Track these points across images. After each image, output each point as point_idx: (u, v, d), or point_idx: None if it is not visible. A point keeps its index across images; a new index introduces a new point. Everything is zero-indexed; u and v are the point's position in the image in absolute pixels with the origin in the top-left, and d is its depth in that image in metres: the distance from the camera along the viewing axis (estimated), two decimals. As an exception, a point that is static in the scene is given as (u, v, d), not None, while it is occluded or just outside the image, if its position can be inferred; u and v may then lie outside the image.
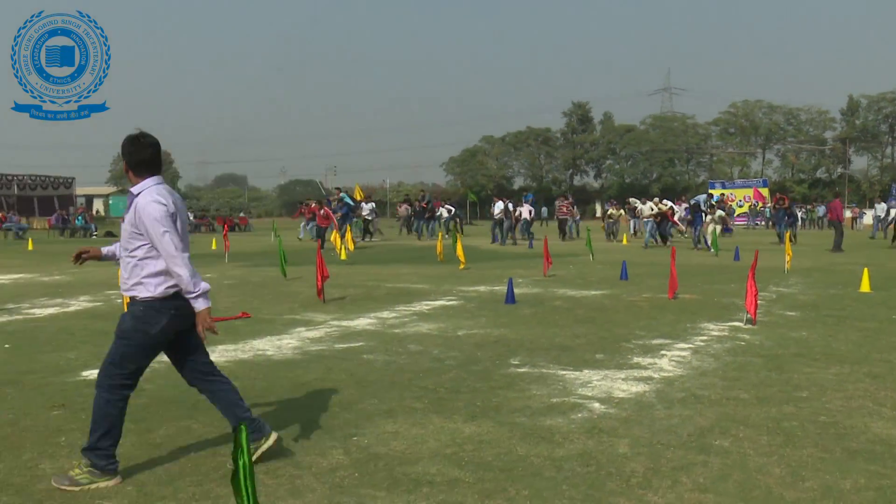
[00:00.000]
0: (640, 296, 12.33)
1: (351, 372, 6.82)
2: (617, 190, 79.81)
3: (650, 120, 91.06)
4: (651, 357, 7.49)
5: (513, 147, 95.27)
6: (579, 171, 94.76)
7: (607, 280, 14.87)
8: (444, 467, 4.38)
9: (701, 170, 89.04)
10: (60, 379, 6.63)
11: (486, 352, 7.75)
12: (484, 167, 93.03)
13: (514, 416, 5.40)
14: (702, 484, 4.13)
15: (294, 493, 4.00)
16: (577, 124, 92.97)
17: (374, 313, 10.42)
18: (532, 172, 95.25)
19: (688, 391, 6.14)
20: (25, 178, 50.92)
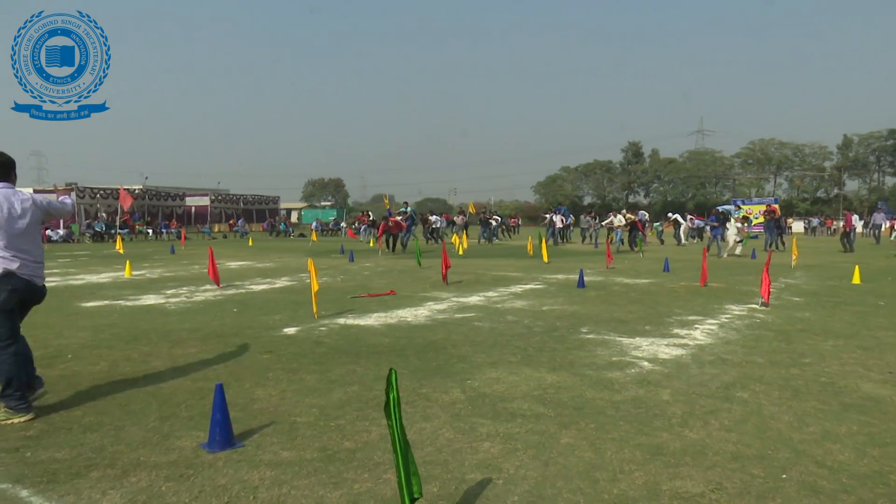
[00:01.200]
0: (678, 284, 11.81)
1: (465, 334, 6.82)
2: (661, 206, 76.96)
3: (687, 154, 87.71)
4: (687, 329, 7.16)
5: (583, 174, 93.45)
6: (633, 192, 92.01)
7: (653, 272, 14.32)
8: (533, 405, 4.31)
9: (726, 191, 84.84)
10: (269, 333, 6.86)
11: (563, 322, 7.60)
12: (562, 189, 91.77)
13: (584, 370, 5.27)
14: (727, 425, 3.92)
15: (426, 418, 4.03)
16: (631, 157, 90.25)
17: (482, 293, 10.40)
18: (597, 193, 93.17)
19: (716, 355, 5.84)
20: (248, 196, 53.53)
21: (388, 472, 3.17)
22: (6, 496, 2.91)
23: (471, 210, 33.89)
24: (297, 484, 3.06)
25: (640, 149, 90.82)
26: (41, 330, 6.98)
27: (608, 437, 3.70)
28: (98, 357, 5.67)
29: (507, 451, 3.48)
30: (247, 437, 3.66)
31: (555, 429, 3.84)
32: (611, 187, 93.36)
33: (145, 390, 4.62)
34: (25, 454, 3.40)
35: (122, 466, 3.25)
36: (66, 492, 2.96)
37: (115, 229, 32.53)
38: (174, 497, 2.92)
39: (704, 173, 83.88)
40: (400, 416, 2.44)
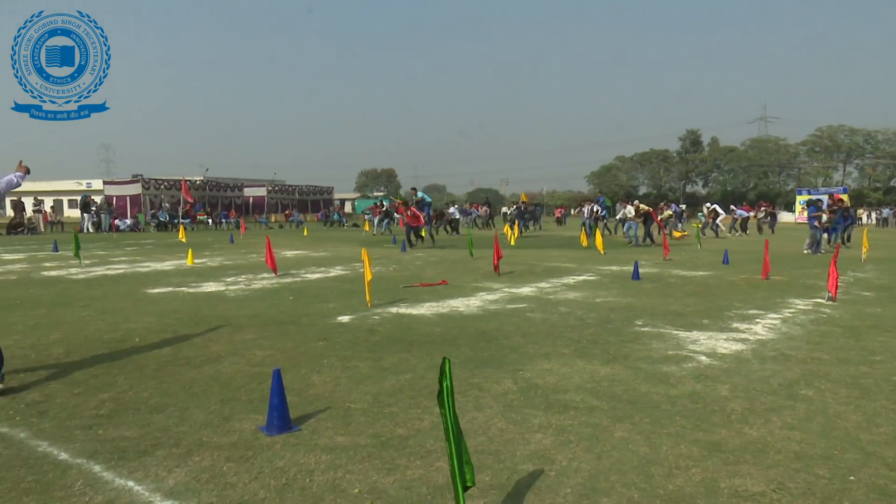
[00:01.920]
0: (738, 276, 11.44)
1: (517, 325, 6.79)
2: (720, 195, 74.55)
3: (749, 142, 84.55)
4: (747, 323, 6.93)
5: (639, 164, 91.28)
6: (690, 182, 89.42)
7: (712, 264, 13.91)
8: (586, 397, 4.27)
9: (790, 180, 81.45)
10: (323, 321, 6.99)
11: (617, 314, 7.47)
12: (616, 179, 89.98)
13: (638, 363, 5.18)
14: (790, 423, 3.78)
15: (478, 407, 4.04)
16: (689, 146, 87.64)
17: (534, 284, 10.33)
18: (653, 182, 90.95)
19: (778, 351, 5.64)
20: (304, 186, 54.56)
21: (440, 459, 3.20)
22: (81, 470, 3.08)
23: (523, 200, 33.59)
24: (351, 468, 3.13)
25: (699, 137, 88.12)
26: (111, 314, 7.33)
27: (663, 431, 3.63)
28: (163, 341, 5.91)
29: (560, 443, 3.46)
30: (303, 422, 3.75)
31: (608, 422, 3.79)
32: (667, 177, 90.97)
33: (207, 374, 4.79)
34: (98, 432, 3.59)
35: (187, 446, 3.39)
36: (135, 468, 3.11)
37: (177, 219, 33.76)
38: (234, 477, 3.02)
39: (767, 162, 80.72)
40: (453, 405, 2.46)
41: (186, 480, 2.98)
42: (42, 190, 57.62)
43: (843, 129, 77.91)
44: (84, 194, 38.46)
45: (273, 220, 44.22)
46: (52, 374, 4.78)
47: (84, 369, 4.91)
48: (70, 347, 5.65)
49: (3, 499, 2.79)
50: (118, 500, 2.79)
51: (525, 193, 34.98)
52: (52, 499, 2.79)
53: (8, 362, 5.10)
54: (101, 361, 5.16)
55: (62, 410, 3.94)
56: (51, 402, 4.10)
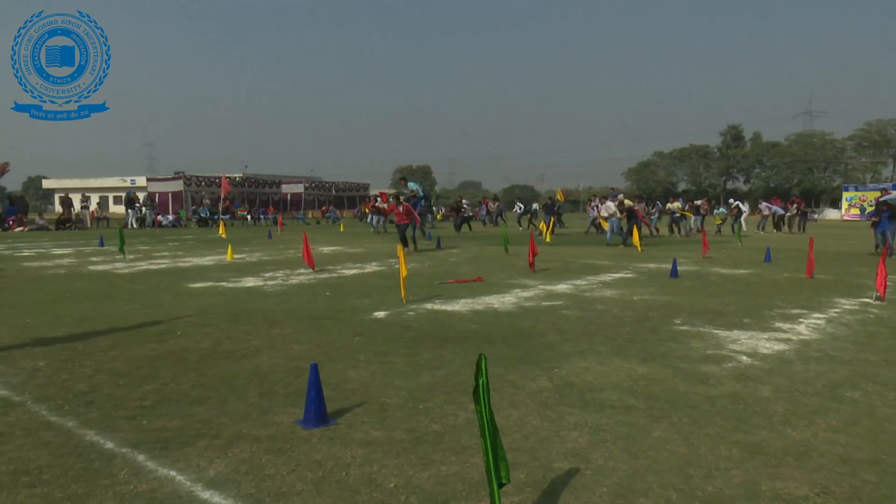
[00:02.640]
0: (781, 275, 11.15)
1: (553, 322, 6.75)
2: (762, 192, 72.68)
3: (793, 137, 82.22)
4: (790, 323, 6.75)
5: (678, 159, 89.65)
6: (731, 178, 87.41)
7: (753, 262, 13.58)
8: (623, 396, 4.22)
9: (836, 176, 78.95)
10: (360, 317, 7.05)
11: (655, 312, 7.36)
12: (654, 175, 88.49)
13: (677, 362, 5.09)
14: (835, 426, 3.67)
15: (513, 405, 4.03)
16: (730, 141, 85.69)
17: (569, 281, 10.24)
18: (692, 179, 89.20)
19: (822, 352, 5.47)
20: (340, 183, 55.15)
21: (475, 456, 3.20)
22: (126, 459, 3.18)
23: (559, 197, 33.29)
24: (387, 463, 3.15)
25: (741, 132, 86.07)
26: (154, 308, 7.53)
27: (703, 432, 3.57)
28: (204, 334, 6.05)
29: (596, 442, 3.42)
30: (339, 416, 3.79)
31: (645, 421, 3.74)
32: (707, 173, 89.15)
33: (246, 367, 4.88)
34: (142, 422, 3.69)
35: (226, 438, 3.46)
36: (177, 458, 3.19)
37: (217, 215, 34.46)
38: (273, 469, 3.08)
39: (812, 157, 78.34)
40: (489, 401, 2.45)
41: (226, 471, 3.05)
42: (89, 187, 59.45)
43: (894, 122, 75.12)
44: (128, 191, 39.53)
45: (310, 216, 44.79)
46: (98, 365, 4.93)
47: (128, 361, 5.05)
48: (115, 339, 5.82)
49: (54, 485, 2.89)
50: (161, 489, 2.87)
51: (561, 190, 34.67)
52: (99, 486, 2.88)
53: (56, 353, 5.29)
54: (144, 354, 5.30)
55: (108, 401, 4.07)
56: (97, 393, 4.23)
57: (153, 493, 2.83)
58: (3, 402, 4.02)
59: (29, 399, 4.09)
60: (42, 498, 2.77)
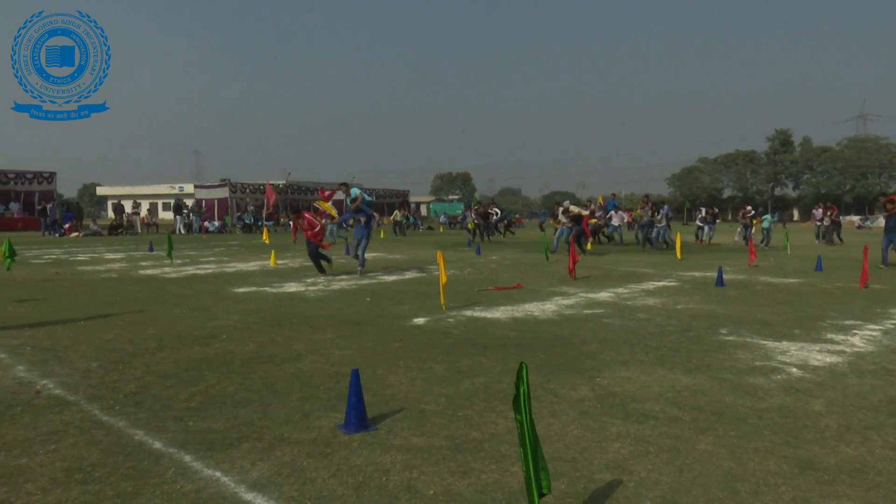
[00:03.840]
0: (833, 284, 10.77)
1: (594, 331, 6.66)
2: (812, 198, 70.43)
3: (845, 141, 79.49)
4: (843, 335, 6.51)
5: (723, 165, 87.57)
6: (780, 184, 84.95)
7: (803, 271, 13.16)
8: (666, 407, 4.13)
9: (892, 181, 75.93)
10: (399, 322, 7.09)
11: (700, 322, 7.19)
12: (699, 181, 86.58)
13: (723, 373, 4.96)
14: (892, 443, 3.52)
15: (553, 414, 3.99)
16: (779, 146, 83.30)
17: (611, 289, 10.10)
18: (739, 185, 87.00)
19: (878, 364, 5.26)
20: (380, 190, 55.75)
21: (514, 464, 3.17)
22: (173, 459, 3.25)
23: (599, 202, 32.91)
24: (426, 470, 3.15)
25: (790, 137, 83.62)
26: (200, 312, 7.71)
27: (751, 446, 3.46)
28: (247, 338, 6.17)
29: (639, 454, 3.36)
30: (379, 421, 3.81)
31: (690, 434, 3.65)
32: (754, 179, 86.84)
33: (288, 371, 4.96)
34: (188, 423, 3.78)
35: (269, 441, 3.51)
36: (222, 460, 3.25)
37: (261, 221, 35.16)
38: (314, 473, 3.11)
39: (866, 162, 75.58)
40: (530, 410, 2.43)
41: (269, 474, 3.09)
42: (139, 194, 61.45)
43: (954, 126, 72.01)
44: (177, 198, 40.71)
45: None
46: (147, 366, 5.08)
47: (175, 363, 5.18)
48: (163, 342, 5.98)
49: (105, 483, 2.98)
50: (206, 489, 2.93)
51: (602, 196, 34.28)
52: (147, 485, 2.96)
53: (108, 354, 5.47)
54: (191, 356, 5.43)
55: (156, 402, 4.18)
56: (146, 394, 4.35)
57: (199, 493, 2.89)
58: (59, 402, 4.17)
59: (82, 399, 4.24)
60: (94, 495, 2.86)
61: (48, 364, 5.15)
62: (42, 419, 3.82)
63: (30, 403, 4.13)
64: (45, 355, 5.45)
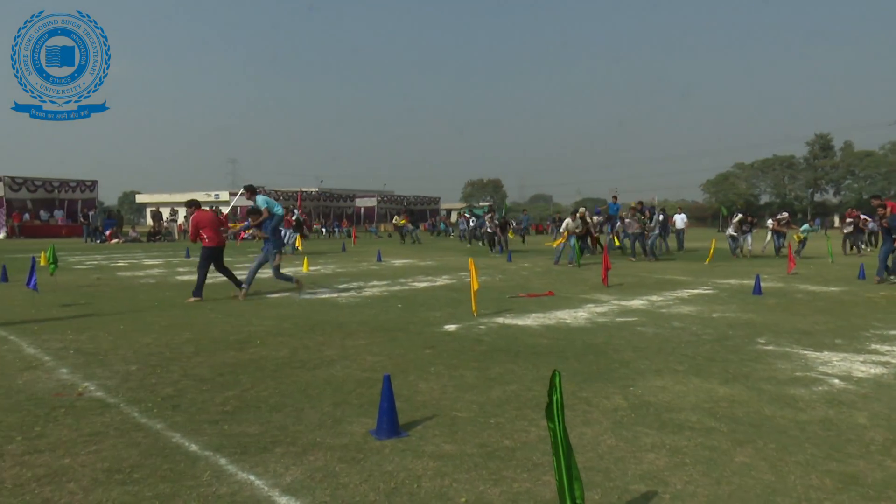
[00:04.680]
0: (877, 293, 10.44)
1: (627, 339, 6.57)
2: (854, 204, 68.44)
3: (889, 145, 77.13)
4: (889, 345, 6.30)
5: (760, 171, 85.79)
6: (820, 190, 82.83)
7: (845, 279, 12.79)
8: (703, 417, 4.04)
9: (939, 187, 73.49)
10: (430, 329, 7.10)
11: (737, 331, 7.04)
12: (735, 187, 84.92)
13: (762, 384, 4.84)
14: (942, 459, 3.38)
15: (586, 423, 3.94)
16: (818, 151, 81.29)
17: (644, 297, 9.96)
18: (776, 191, 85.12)
19: (926, 377, 5.07)
20: (411, 197, 56.11)
21: (547, 473, 3.14)
22: (209, 462, 3.31)
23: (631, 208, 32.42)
24: (458, 477, 3.14)
25: (830, 141, 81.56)
26: (235, 317, 7.84)
27: (791, 459, 3.37)
28: (281, 344, 6.24)
29: (674, 465, 3.30)
30: (411, 428, 3.82)
31: (728, 445, 3.57)
32: (793, 185, 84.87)
33: (321, 377, 5.00)
34: (224, 427, 3.84)
35: (302, 445, 3.55)
36: (256, 463, 3.29)
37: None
38: (346, 478, 3.13)
39: (911, 167, 73.30)
40: (563, 419, 2.41)
41: (302, 478, 3.12)
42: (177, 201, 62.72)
43: None
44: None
45: (382, 229, 45.57)
46: (183, 370, 5.18)
47: (211, 367, 5.27)
48: (199, 346, 6.09)
49: (143, 484, 3.04)
50: (241, 492, 2.97)
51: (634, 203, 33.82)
52: (184, 487, 3.01)
53: (146, 358, 5.59)
54: (226, 361, 5.52)
55: (192, 405, 4.25)
56: (182, 397, 4.43)
57: (234, 496, 2.93)
58: (100, 404, 4.28)
59: (122, 401, 4.34)
60: (133, 495, 2.92)
61: (90, 367, 5.29)
62: (84, 421, 3.92)
63: (72, 405, 4.24)
64: (87, 358, 5.59)
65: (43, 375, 5.01)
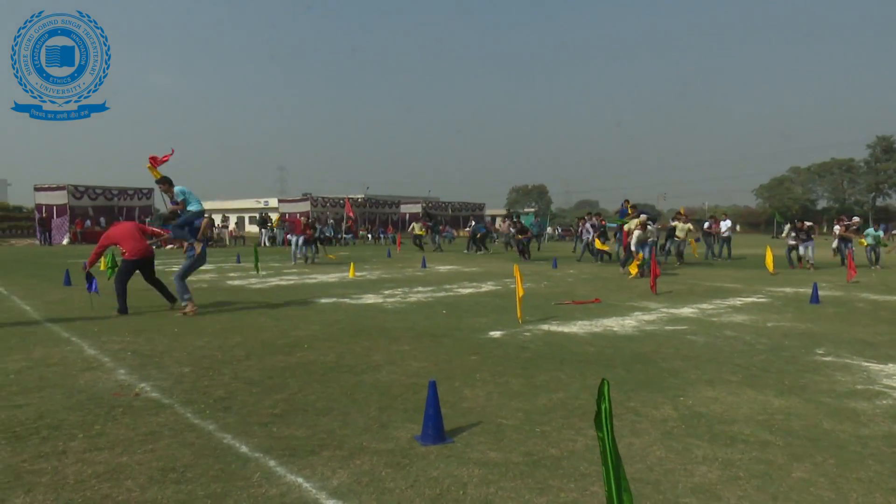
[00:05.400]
0: (944, 303, 9.93)
1: (677, 348, 6.42)
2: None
3: (959, 148, 73.56)
4: (958, 358, 5.97)
5: (817, 175, 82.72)
6: (882, 194, 79.36)
7: (909, 288, 12.21)
8: (757, 430, 3.91)
9: None
10: (475, 335, 7.08)
11: (793, 341, 6.79)
12: (790, 192, 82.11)
13: (820, 396, 4.65)
14: None
15: (634, 433, 3.86)
16: (880, 154, 77.92)
17: (695, 304, 9.71)
18: (835, 196, 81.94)
19: None
20: (456, 203, 56.20)
21: (594, 484, 3.09)
22: (259, 464, 3.37)
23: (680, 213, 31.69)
24: (503, 485, 3.12)
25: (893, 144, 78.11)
26: (283, 321, 7.99)
27: (852, 476, 3.22)
28: (328, 348, 6.33)
29: (728, 479, 3.20)
30: (456, 434, 3.81)
31: (784, 460, 3.44)
32: (852, 189, 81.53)
33: (367, 382, 5.05)
34: (273, 429, 3.91)
35: (349, 449, 3.58)
36: (304, 466, 3.34)
37: (341, 234, 36.14)
38: (392, 483, 3.14)
39: None
40: (612, 428, 2.37)
41: (349, 482, 3.15)
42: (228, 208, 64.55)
43: None
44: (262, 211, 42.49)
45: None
46: (234, 373, 5.30)
47: (261, 371, 5.39)
48: (249, 350, 6.23)
49: (196, 483, 3.13)
50: (289, 494, 3.01)
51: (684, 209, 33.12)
52: (235, 488, 3.08)
53: (199, 360, 5.75)
54: (275, 364, 5.63)
55: (243, 407, 4.35)
56: (233, 399, 4.54)
57: (282, 497, 2.98)
58: (155, 404, 4.42)
59: (176, 402, 4.47)
60: (186, 494, 3.00)
61: (146, 368, 5.47)
62: (140, 420, 4.06)
63: (130, 405, 4.39)
64: (144, 360, 5.79)
65: (102, 376, 5.21)
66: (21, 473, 3.22)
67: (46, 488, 3.05)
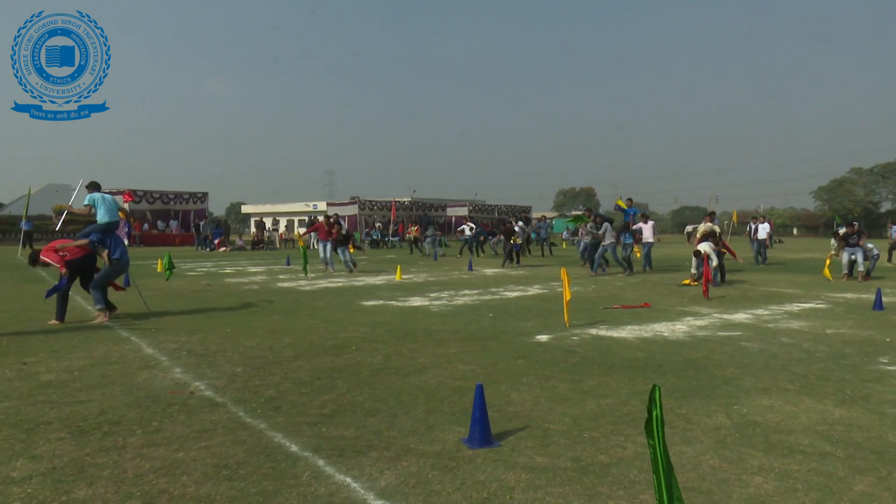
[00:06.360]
0: None
1: (730, 354, 6.24)
2: None
3: None
4: None
5: (881, 176, 79.05)
6: (953, 196, 75.42)
7: (983, 294, 11.54)
8: (816, 441, 3.77)
9: None
10: (522, 339, 7.05)
11: (854, 349, 6.51)
12: (851, 194, 78.70)
13: (884, 407, 4.45)
14: None
15: (686, 441, 3.77)
16: (948, 153, 74.12)
17: (749, 310, 9.42)
18: (900, 198, 78.27)
19: None
20: (502, 206, 56.05)
21: (644, 492, 3.03)
22: (308, 463, 3.43)
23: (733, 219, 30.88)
24: (551, 491, 3.09)
25: (963, 143, 74.15)
26: (331, 323, 8.11)
27: (920, 491, 3.07)
28: (375, 350, 6.39)
29: (784, 490, 3.09)
30: (503, 438, 3.80)
31: (845, 472, 3.30)
32: (922, 190, 77.61)
33: (413, 384, 5.08)
34: (322, 429, 3.97)
35: (396, 451, 3.61)
36: (352, 466, 3.38)
37: (388, 237, 36.50)
38: (439, 485, 3.15)
39: None
40: (663, 436, 2.32)
41: (396, 483, 3.17)
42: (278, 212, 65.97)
43: None
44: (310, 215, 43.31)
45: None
46: (284, 373, 5.41)
47: (310, 371, 5.48)
48: (299, 351, 6.35)
49: (248, 480, 3.20)
50: (338, 493, 3.06)
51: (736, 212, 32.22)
52: (285, 486, 3.14)
53: (251, 360, 5.89)
54: (323, 365, 5.72)
55: (292, 407, 4.44)
56: (283, 399, 4.63)
57: (331, 496, 3.02)
58: (209, 402, 4.55)
59: (229, 401, 4.59)
60: (239, 491, 3.08)
61: (200, 368, 5.64)
62: (195, 418, 4.18)
63: (185, 403, 4.53)
64: (198, 360, 5.97)
65: (159, 374, 5.39)
66: (84, 467, 3.36)
67: (107, 482, 3.17)
